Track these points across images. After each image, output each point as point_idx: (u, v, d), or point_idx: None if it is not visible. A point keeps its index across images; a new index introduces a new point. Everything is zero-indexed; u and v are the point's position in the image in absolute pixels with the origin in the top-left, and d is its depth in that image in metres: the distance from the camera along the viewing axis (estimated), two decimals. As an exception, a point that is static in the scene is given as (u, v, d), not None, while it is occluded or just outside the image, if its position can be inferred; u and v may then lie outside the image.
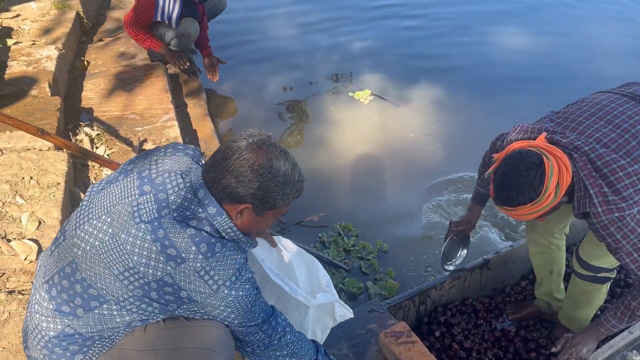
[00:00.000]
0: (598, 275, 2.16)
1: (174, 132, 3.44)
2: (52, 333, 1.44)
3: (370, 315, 2.30)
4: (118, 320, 1.43)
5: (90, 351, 1.47)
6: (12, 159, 2.72)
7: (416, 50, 5.56)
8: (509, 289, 2.79)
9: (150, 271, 1.35)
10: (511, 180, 1.71)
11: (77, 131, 3.29)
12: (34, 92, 3.29)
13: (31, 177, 2.60)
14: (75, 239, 1.43)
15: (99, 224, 1.40)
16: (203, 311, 1.42)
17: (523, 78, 5.07)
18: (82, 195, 2.76)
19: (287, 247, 1.98)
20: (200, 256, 1.35)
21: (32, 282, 2.12)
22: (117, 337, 1.48)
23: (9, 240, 2.28)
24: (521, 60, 5.42)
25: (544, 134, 1.83)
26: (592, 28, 6.31)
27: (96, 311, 1.41)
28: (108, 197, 1.44)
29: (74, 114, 3.51)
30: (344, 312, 1.90)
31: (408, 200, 3.52)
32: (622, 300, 1.96)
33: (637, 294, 1.88)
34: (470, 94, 4.80)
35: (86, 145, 3.14)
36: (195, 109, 4.11)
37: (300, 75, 4.99)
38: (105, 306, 1.40)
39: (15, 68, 3.51)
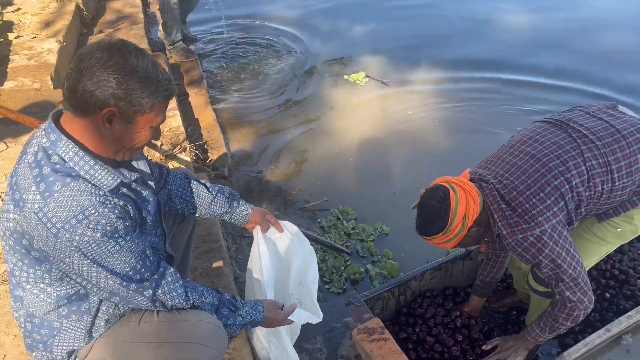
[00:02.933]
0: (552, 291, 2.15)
1: (176, 122, 3.47)
2: (22, 320, 1.50)
3: (346, 308, 2.32)
4: (42, 296, 1.42)
5: (59, 336, 1.47)
6: (17, 152, 2.76)
7: (413, 31, 5.59)
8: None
9: (10, 225, 1.33)
10: (423, 212, 1.92)
11: (80, 123, 3.32)
12: (36, 85, 3.33)
13: (36, 169, 2.65)
14: None
15: None
16: (70, 266, 1.33)
17: (521, 54, 5.10)
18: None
19: (292, 233, 2.01)
20: (38, 196, 1.26)
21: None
22: (57, 323, 1.46)
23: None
24: (518, 38, 5.43)
25: (467, 170, 2.01)
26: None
27: (24, 287, 1.42)
28: None
29: (76, 106, 3.55)
30: (312, 319, 1.89)
31: (409, 182, 3.54)
32: (545, 312, 2.07)
33: (561, 309, 1.97)
34: (469, 72, 4.84)
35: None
36: (197, 98, 4.14)
37: (298, 60, 5.02)
38: (20, 280, 1.41)
39: (17, 62, 3.55)
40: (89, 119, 1.30)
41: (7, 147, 2.82)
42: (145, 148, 3.19)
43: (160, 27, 4.61)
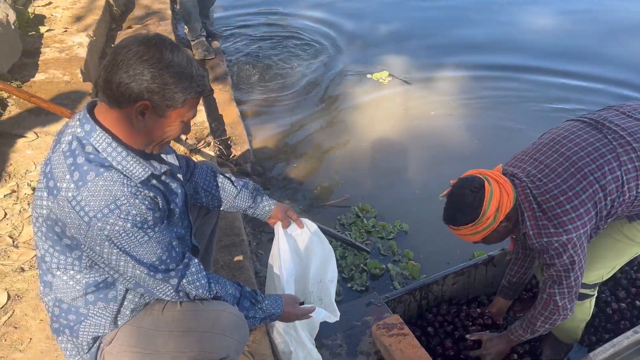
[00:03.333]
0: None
1: (201, 117, 3.52)
2: (51, 304, 1.52)
3: (367, 308, 2.32)
4: (71, 283, 1.45)
5: (85, 322, 1.50)
6: (47, 142, 2.84)
7: (438, 31, 5.57)
8: None
9: (44, 212, 1.35)
10: (455, 200, 1.89)
11: (108, 116, 3.39)
12: (66, 78, 3.40)
13: (65, 160, 2.71)
14: None
15: None
16: (100, 256, 1.36)
17: (545, 57, 5.03)
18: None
19: (312, 230, 2.03)
20: (72, 185, 1.29)
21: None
22: (84, 310, 1.48)
23: (45, 219, 2.39)
24: (544, 40, 5.36)
25: (500, 165, 1.99)
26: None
27: (54, 273, 1.45)
28: None
29: (104, 99, 3.62)
30: (330, 318, 1.91)
31: (429, 181, 3.53)
32: (529, 313, 2.07)
33: (542, 311, 1.99)
34: (493, 72, 4.80)
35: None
36: (222, 94, 4.18)
37: (323, 59, 5.04)
38: (50, 266, 1.45)
39: (48, 55, 3.63)
40: (122, 111, 1.33)
41: (37, 137, 2.89)
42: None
43: (184, 24, 4.70)
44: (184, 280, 1.48)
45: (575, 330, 2.29)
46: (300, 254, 2.02)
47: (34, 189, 2.54)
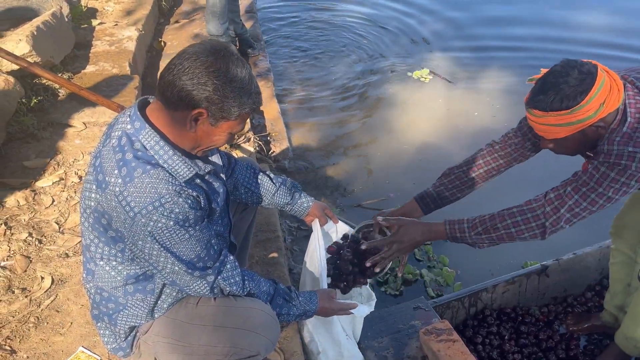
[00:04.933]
0: None
1: (242, 112, 3.55)
2: (93, 291, 1.57)
3: (414, 312, 2.29)
4: (112, 273, 1.49)
5: (124, 312, 1.55)
6: (95, 132, 2.93)
7: (483, 31, 5.49)
8: (571, 299, 2.63)
9: (88, 202, 1.40)
10: (557, 81, 1.57)
11: (153, 108, 3.48)
12: (115, 70, 3.50)
13: (110, 150, 2.80)
14: None
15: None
16: (142, 252, 1.40)
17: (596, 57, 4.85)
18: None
19: (348, 225, 2.05)
20: (119, 180, 1.32)
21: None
22: (123, 300, 1.53)
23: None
24: (597, 39, 5.19)
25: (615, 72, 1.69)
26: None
27: (96, 262, 1.49)
28: None
29: (151, 92, 3.69)
30: (371, 306, 1.89)
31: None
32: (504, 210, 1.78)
33: (520, 206, 1.74)
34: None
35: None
36: (263, 90, 4.19)
37: (365, 56, 5.02)
38: (94, 255, 1.49)
39: (99, 47, 3.75)
40: (177, 114, 1.36)
41: (86, 127, 2.99)
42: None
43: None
44: (220, 277, 1.51)
45: None
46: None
47: (80, 178, 2.64)
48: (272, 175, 1.92)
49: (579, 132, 1.61)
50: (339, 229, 2.03)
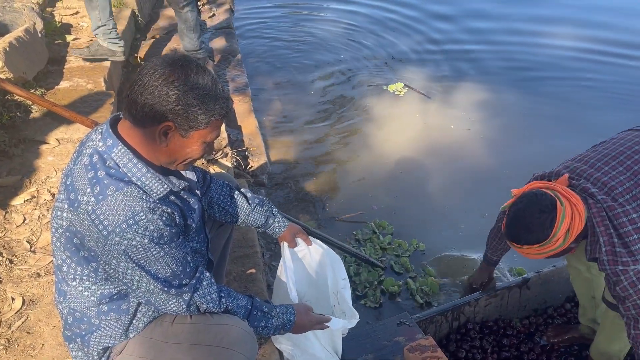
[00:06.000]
0: None
1: (220, 127, 3.54)
2: (65, 312, 1.53)
3: (398, 328, 2.28)
4: (86, 294, 1.46)
5: (97, 332, 1.51)
6: (69, 149, 2.88)
7: (457, 46, 5.59)
8: (551, 310, 2.66)
9: (63, 223, 1.37)
10: (523, 219, 1.74)
11: (129, 124, 3.43)
12: (90, 86, 3.46)
13: (85, 167, 2.75)
14: None
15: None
16: (116, 271, 1.37)
17: (564, 77, 5.00)
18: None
19: (320, 249, 2.02)
20: (92, 198, 1.30)
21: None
22: (96, 320, 1.49)
23: (62, 226, 2.42)
24: (564, 59, 5.33)
25: (566, 175, 1.85)
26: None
27: (68, 283, 1.46)
28: None
29: (126, 108, 3.67)
30: (351, 323, 1.87)
31: (449, 200, 3.50)
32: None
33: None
34: (513, 91, 4.78)
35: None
36: (241, 105, 4.21)
37: (342, 71, 5.06)
38: (66, 276, 1.46)
39: (73, 63, 3.70)
40: (146, 130, 1.34)
41: (59, 144, 2.94)
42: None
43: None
44: (196, 295, 1.48)
45: (619, 355, 2.21)
46: (310, 272, 2.02)
47: (53, 195, 2.58)
48: (249, 195, 1.90)
49: (558, 252, 1.77)
50: (312, 251, 2.02)
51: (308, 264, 2.01)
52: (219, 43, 5.22)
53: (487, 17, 6.23)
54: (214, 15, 5.85)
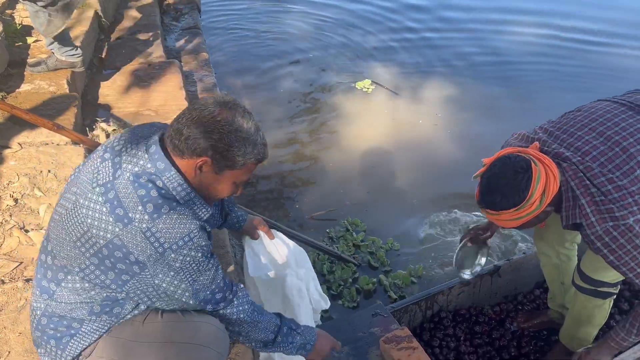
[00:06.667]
0: (599, 289, 2.07)
1: (188, 128, 3.50)
2: (39, 312, 1.50)
3: (373, 319, 2.30)
4: (84, 296, 1.45)
5: (78, 335, 1.49)
6: (31, 153, 2.81)
7: (425, 43, 5.67)
8: (521, 297, 2.72)
9: (101, 234, 1.36)
10: (497, 183, 1.71)
11: (94, 127, 3.37)
12: (52, 88, 3.38)
13: (49, 171, 2.69)
14: (53, 215, 1.49)
15: (68, 195, 1.45)
16: (155, 284, 1.40)
17: (528, 70, 5.13)
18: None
19: (283, 240, 2.04)
20: (146, 216, 1.34)
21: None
22: (102, 324, 1.49)
23: (27, 231, 2.36)
24: (526, 51, 5.46)
25: (537, 143, 1.84)
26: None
27: (63, 284, 1.44)
28: (81, 171, 1.49)
29: (91, 110, 3.60)
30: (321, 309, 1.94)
31: (420, 195, 3.54)
32: (631, 312, 1.90)
33: None
34: (477, 85, 4.88)
35: (102, 140, 3.22)
36: (210, 105, 4.17)
37: (311, 70, 5.07)
38: (69, 277, 1.43)
39: (35, 65, 3.61)
40: (183, 161, 1.42)
41: (21, 148, 2.86)
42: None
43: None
44: (235, 301, 1.56)
45: (588, 338, 2.24)
46: (275, 262, 2.03)
47: (16, 201, 2.52)
48: None
49: (533, 218, 1.73)
50: (275, 243, 2.02)
51: (272, 255, 2.02)
52: (186, 43, 5.17)
53: (456, 8, 6.36)
54: (180, 14, 5.79)
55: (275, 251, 2.01)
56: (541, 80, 4.91)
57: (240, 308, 1.57)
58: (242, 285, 1.59)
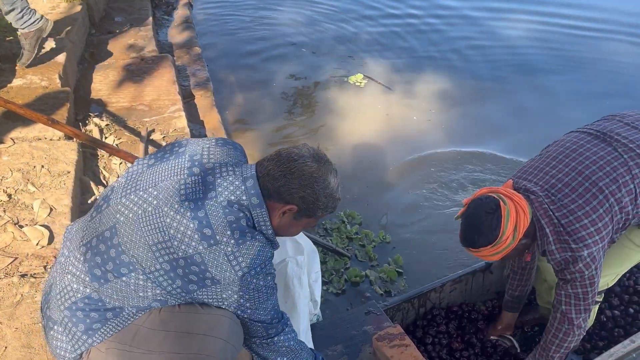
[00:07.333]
0: None
1: (181, 123, 3.50)
2: (79, 295, 1.51)
3: (366, 317, 2.32)
4: (141, 294, 1.49)
5: (108, 324, 1.52)
6: (24, 148, 2.80)
7: (417, 37, 5.68)
8: None
9: (183, 247, 1.44)
10: (473, 223, 1.87)
11: (87, 121, 3.36)
12: (44, 83, 3.36)
13: (42, 166, 2.68)
14: (119, 207, 1.51)
15: (145, 195, 1.50)
16: (221, 297, 1.50)
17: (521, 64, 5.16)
18: (92, 184, 2.83)
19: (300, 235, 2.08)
20: (232, 241, 1.44)
21: (44, 266, 2.20)
22: (134, 317, 1.53)
23: (21, 227, 2.36)
24: (520, 47, 5.50)
25: (510, 181, 1.99)
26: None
27: (124, 279, 1.48)
28: (158, 173, 1.55)
29: (83, 105, 3.58)
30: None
31: (415, 189, 3.56)
32: (541, 340, 2.08)
33: (556, 333, 2.01)
34: (470, 79, 4.91)
35: (95, 135, 3.21)
36: (203, 100, 4.17)
37: (304, 65, 5.07)
38: (133, 274, 1.47)
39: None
40: (270, 203, 1.53)
41: (14, 143, 2.85)
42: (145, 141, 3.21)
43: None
44: (286, 328, 1.66)
45: None
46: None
47: (10, 196, 2.51)
48: None
49: (512, 251, 1.88)
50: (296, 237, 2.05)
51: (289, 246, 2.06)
52: (178, 37, 5.15)
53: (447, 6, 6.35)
54: (172, 8, 5.76)
55: (293, 244, 2.06)
56: (533, 71, 4.97)
57: (289, 336, 1.67)
58: (287, 315, 1.69)
